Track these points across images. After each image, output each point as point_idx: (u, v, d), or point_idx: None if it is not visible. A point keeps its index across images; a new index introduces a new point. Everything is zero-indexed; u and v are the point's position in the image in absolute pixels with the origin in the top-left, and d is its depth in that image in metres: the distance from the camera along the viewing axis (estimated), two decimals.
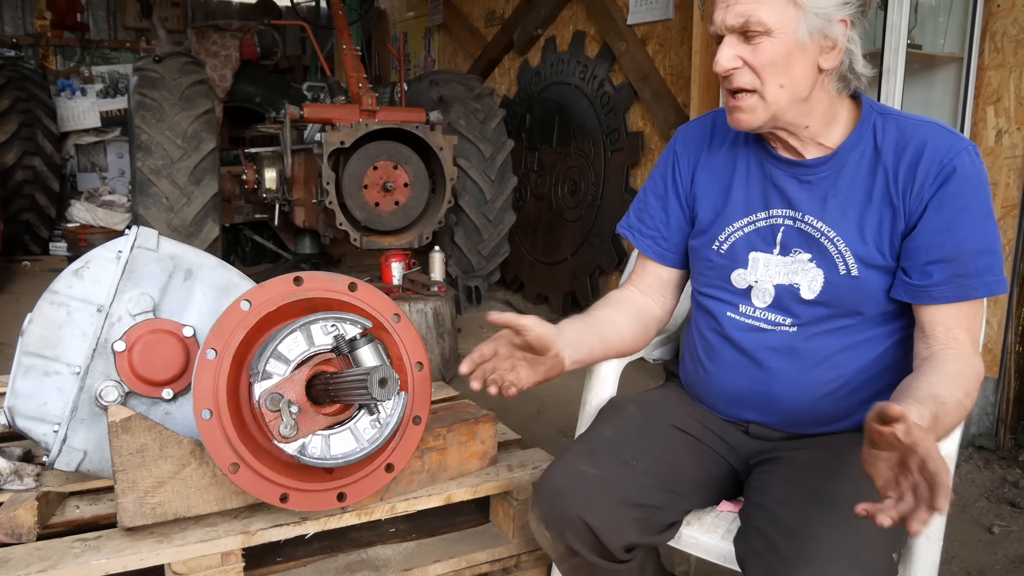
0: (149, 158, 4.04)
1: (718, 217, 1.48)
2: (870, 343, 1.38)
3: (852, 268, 1.34)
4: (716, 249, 1.47)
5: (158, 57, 4.43)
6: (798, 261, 1.39)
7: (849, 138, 1.37)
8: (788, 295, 1.39)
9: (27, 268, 5.83)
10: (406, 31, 7.34)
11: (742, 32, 1.28)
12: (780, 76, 1.29)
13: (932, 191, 1.29)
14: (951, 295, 1.28)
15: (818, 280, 1.37)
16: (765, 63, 1.28)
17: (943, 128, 1.34)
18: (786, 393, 1.40)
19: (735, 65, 1.29)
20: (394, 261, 3.84)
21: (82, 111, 6.94)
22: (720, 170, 1.50)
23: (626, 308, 1.57)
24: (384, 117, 4.00)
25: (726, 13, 1.28)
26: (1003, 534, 2.39)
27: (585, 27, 4.94)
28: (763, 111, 1.31)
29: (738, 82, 1.30)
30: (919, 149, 1.31)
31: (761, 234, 1.43)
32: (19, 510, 1.47)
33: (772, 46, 1.27)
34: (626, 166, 4.56)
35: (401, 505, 1.63)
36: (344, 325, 1.46)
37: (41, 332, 1.58)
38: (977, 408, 2.97)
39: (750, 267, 1.44)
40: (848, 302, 1.36)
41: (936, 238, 1.29)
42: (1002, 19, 2.82)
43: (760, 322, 1.43)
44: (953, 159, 1.28)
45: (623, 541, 1.30)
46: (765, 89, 1.29)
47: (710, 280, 1.50)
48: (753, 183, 1.45)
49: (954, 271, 1.28)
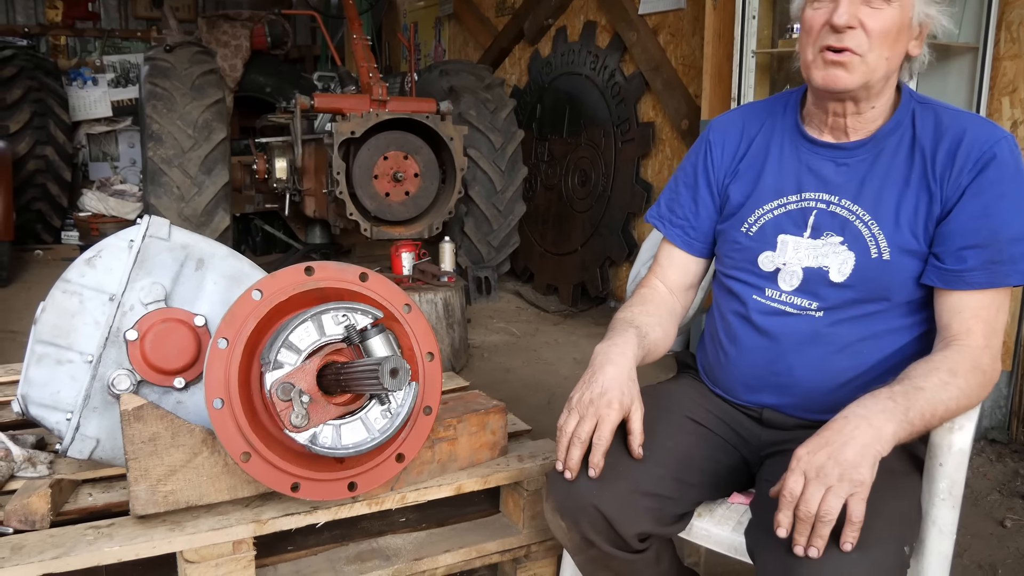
0: (160, 147, 4.05)
1: (747, 200, 1.48)
2: (894, 334, 1.38)
3: (884, 252, 1.34)
4: (745, 231, 1.47)
5: (169, 47, 4.44)
6: (829, 244, 1.39)
7: (888, 123, 1.38)
8: (817, 278, 1.39)
9: (39, 257, 5.87)
10: (416, 21, 7.32)
11: None
12: (888, 48, 1.29)
13: (971, 177, 1.29)
14: (984, 281, 1.28)
15: (848, 263, 1.36)
16: (881, 30, 1.27)
17: (982, 119, 1.36)
18: (806, 377, 1.40)
19: (852, 24, 1.26)
20: (404, 251, 3.84)
21: (94, 100, 6.96)
22: (754, 156, 1.51)
23: (666, 316, 1.56)
24: (394, 107, 4.00)
25: None
26: (1015, 527, 2.38)
27: (596, 17, 4.91)
28: (861, 75, 1.30)
29: (849, 42, 1.27)
30: (958, 136, 1.32)
31: (791, 217, 1.43)
32: (32, 497, 1.48)
33: (892, 15, 1.27)
34: (637, 157, 4.54)
35: (411, 495, 1.64)
36: (355, 315, 1.46)
37: (54, 321, 1.58)
38: (989, 401, 2.95)
39: (779, 249, 1.44)
40: (877, 286, 1.35)
41: (972, 223, 1.29)
42: (1018, 9, 2.79)
43: (786, 306, 1.42)
44: (993, 146, 1.29)
45: (637, 530, 1.30)
46: (870, 55, 1.28)
47: (736, 263, 1.50)
48: (786, 167, 1.45)
49: (988, 257, 1.27)
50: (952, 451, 1.29)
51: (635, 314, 1.52)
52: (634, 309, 1.54)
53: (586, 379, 1.37)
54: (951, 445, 1.29)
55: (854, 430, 1.13)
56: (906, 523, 1.23)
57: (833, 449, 1.12)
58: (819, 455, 1.12)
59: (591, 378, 1.36)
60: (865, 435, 1.12)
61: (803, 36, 1.35)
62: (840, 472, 1.10)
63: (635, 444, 1.33)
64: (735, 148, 1.54)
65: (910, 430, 1.17)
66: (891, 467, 1.27)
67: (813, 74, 1.34)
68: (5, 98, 5.87)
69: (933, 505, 1.30)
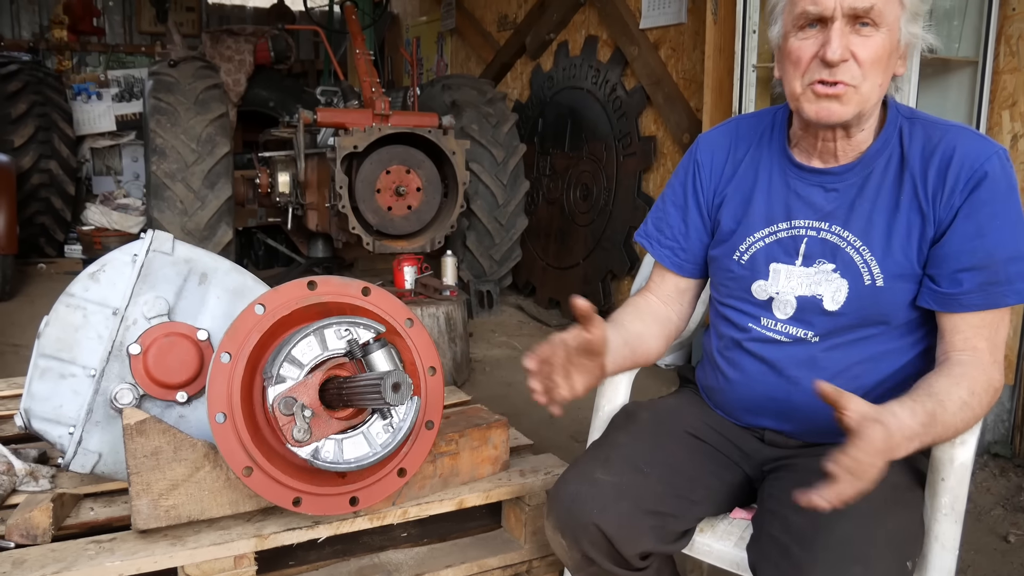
0: (164, 162, 4.06)
1: (739, 227, 1.46)
2: (892, 355, 1.36)
3: (877, 278, 1.32)
4: (737, 260, 1.45)
5: (173, 61, 4.46)
6: (822, 272, 1.37)
7: (875, 143, 1.34)
8: (811, 306, 1.37)
9: (42, 271, 5.88)
10: (419, 36, 7.36)
11: (854, 18, 1.22)
12: (880, 74, 1.25)
13: (963, 197, 1.26)
14: (981, 303, 1.26)
15: (842, 291, 1.34)
16: (873, 59, 1.23)
17: (972, 132, 1.32)
18: (806, 403, 1.38)
19: (846, 57, 1.23)
20: (406, 265, 3.85)
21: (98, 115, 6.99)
22: (742, 179, 1.47)
23: (651, 319, 1.55)
24: (397, 121, 4.01)
25: None
26: (1019, 543, 2.37)
27: (597, 32, 4.94)
28: (855, 105, 1.26)
29: (842, 75, 1.24)
30: (948, 154, 1.28)
31: (782, 245, 1.41)
32: (34, 511, 1.48)
33: (882, 42, 1.23)
34: (638, 171, 4.55)
35: (413, 510, 1.64)
36: (357, 329, 1.47)
37: (57, 335, 1.59)
38: (992, 415, 2.95)
39: (771, 278, 1.41)
40: (872, 313, 1.34)
41: (967, 245, 1.26)
42: (1017, 23, 2.81)
43: (781, 335, 1.41)
44: (984, 164, 1.26)
45: (638, 549, 1.29)
46: (863, 85, 1.25)
47: (731, 291, 1.48)
48: (775, 194, 1.43)
49: (985, 278, 1.25)
50: (954, 465, 1.28)
51: (620, 315, 1.52)
52: (621, 312, 1.54)
53: None
54: (953, 459, 1.28)
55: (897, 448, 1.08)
56: (909, 538, 1.23)
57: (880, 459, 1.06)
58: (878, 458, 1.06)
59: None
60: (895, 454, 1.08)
61: (788, 66, 1.30)
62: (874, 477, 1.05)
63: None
64: (722, 169, 1.50)
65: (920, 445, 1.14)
66: (893, 481, 1.27)
67: (804, 107, 1.29)
68: (10, 112, 5.90)
69: (936, 520, 1.30)
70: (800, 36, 1.27)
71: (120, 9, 8.69)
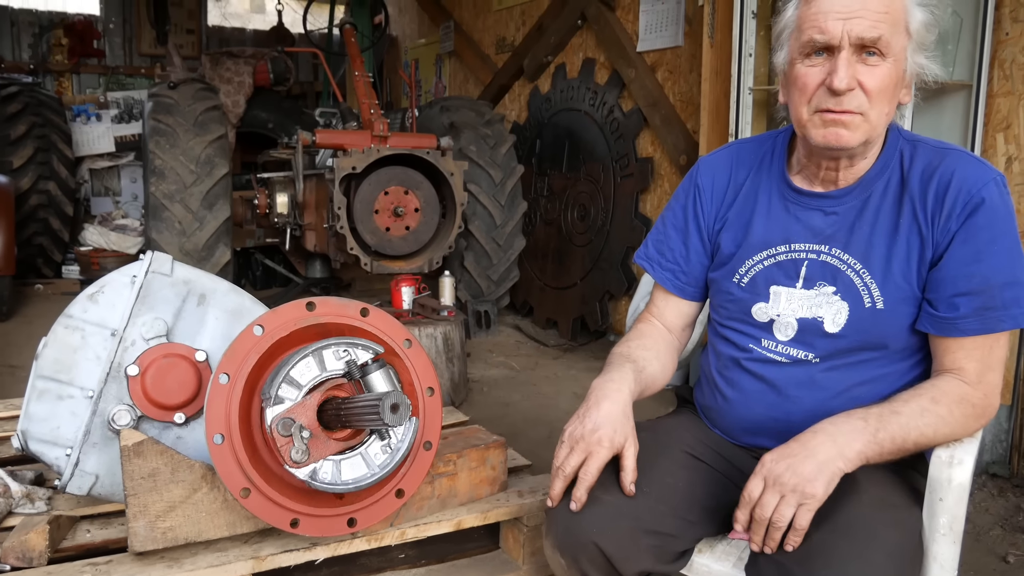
0: (162, 183, 4.08)
1: (738, 250, 1.47)
2: (890, 377, 1.37)
3: (878, 301, 1.33)
4: (736, 282, 1.47)
5: (173, 83, 4.49)
6: (822, 294, 1.38)
7: (874, 166, 1.36)
8: (812, 328, 1.38)
9: (40, 291, 5.88)
10: (417, 58, 7.41)
11: (860, 47, 1.23)
12: (887, 103, 1.27)
13: (959, 222, 1.27)
14: (978, 327, 1.27)
15: (843, 313, 1.36)
16: (880, 88, 1.24)
17: (971, 157, 1.33)
18: (805, 424, 1.36)
19: (853, 86, 1.24)
20: (404, 286, 3.86)
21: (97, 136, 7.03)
22: (742, 204, 1.49)
23: (665, 355, 1.56)
24: (395, 143, 4.04)
25: (850, 25, 1.22)
26: (1018, 563, 2.37)
27: (595, 54, 4.98)
28: (863, 133, 1.27)
29: (849, 104, 1.25)
30: (946, 178, 1.29)
31: (782, 268, 1.42)
32: (30, 534, 1.47)
33: (887, 71, 1.24)
34: (636, 192, 4.57)
35: (411, 531, 1.63)
36: (356, 350, 1.47)
37: (55, 356, 1.59)
38: (990, 435, 2.94)
39: (771, 301, 1.43)
40: (873, 335, 1.35)
41: (964, 270, 1.27)
42: (1010, 47, 2.84)
43: (781, 356, 1.42)
44: (981, 190, 1.27)
45: (637, 568, 1.29)
46: (871, 113, 1.26)
47: (731, 313, 1.49)
48: (774, 217, 1.44)
49: (981, 303, 1.26)
50: (952, 486, 1.28)
51: (632, 348, 1.52)
52: (631, 344, 1.54)
53: (580, 413, 1.37)
54: (951, 479, 1.28)
55: (818, 445, 1.20)
56: (907, 558, 1.23)
57: (794, 461, 1.19)
58: (780, 464, 1.20)
59: (585, 413, 1.36)
60: (828, 451, 1.19)
61: (795, 93, 1.31)
62: (795, 484, 1.17)
63: (626, 481, 1.32)
64: (723, 194, 1.52)
65: (879, 450, 1.22)
66: (891, 501, 1.28)
67: (811, 133, 1.30)
68: (9, 134, 5.93)
69: (934, 540, 1.29)
70: (807, 63, 1.28)
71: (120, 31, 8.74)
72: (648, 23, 4.48)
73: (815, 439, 1.21)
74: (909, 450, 1.26)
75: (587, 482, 1.30)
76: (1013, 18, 2.83)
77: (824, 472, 1.18)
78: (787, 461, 1.20)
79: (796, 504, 1.17)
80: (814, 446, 1.20)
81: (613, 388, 1.39)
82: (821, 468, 1.18)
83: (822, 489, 1.17)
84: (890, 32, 1.22)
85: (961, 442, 1.31)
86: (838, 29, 1.22)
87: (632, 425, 1.36)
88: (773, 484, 1.19)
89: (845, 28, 1.22)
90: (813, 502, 1.16)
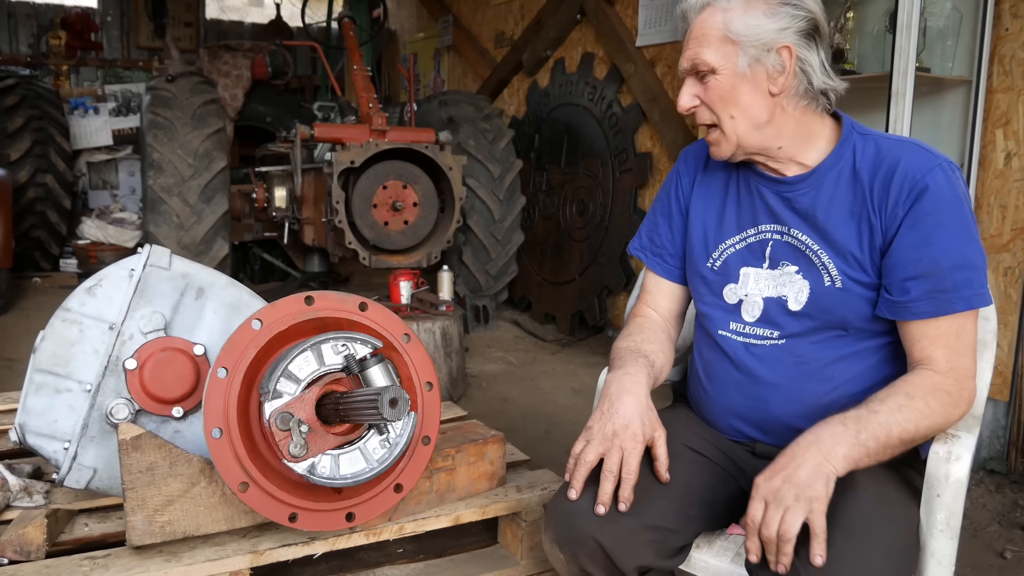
0: (160, 176, 4.07)
1: (713, 235, 1.52)
2: (861, 354, 1.40)
3: (836, 280, 1.37)
4: (710, 266, 1.52)
5: (171, 77, 4.48)
6: (786, 273, 1.43)
7: (828, 157, 1.41)
8: (776, 307, 1.43)
9: (37, 285, 5.87)
10: (416, 52, 7.40)
11: (695, 73, 1.39)
12: (730, 108, 1.37)
13: (906, 208, 1.31)
14: (930, 310, 1.30)
15: (804, 291, 1.40)
16: (714, 98, 1.37)
17: (918, 146, 1.37)
18: (782, 408, 1.42)
19: (694, 104, 1.40)
20: (402, 280, 3.86)
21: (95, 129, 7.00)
22: (715, 189, 1.55)
23: (663, 341, 1.58)
24: (394, 137, 4.03)
25: (682, 59, 1.41)
26: (1016, 559, 2.37)
27: (594, 49, 4.97)
28: (726, 142, 1.40)
29: (700, 119, 1.42)
30: (892, 167, 1.34)
31: (752, 249, 1.47)
32: (28, 527, 1.47)
33: (718, 82, 1.36)
34: (634, 187, 4.57)
35: (409, 525, 1.63)
36: (355, 345, 1.47)
37: (53, 349, 1.58)
38: (988, 431, 2.95)
39: (740, 281, 1.48)
40: (833, 313, 1.38)
41: (912, 254, 1.31)
42: (1010, 43, 2.83)
43: (749, 337, 1.46)
44: (925, 176, 1.31)
45: (637, 563, 1.29)
46: (721, 122, 1.39)
47: (703, 296, 1.54)
48: (744, 201, 1.50)
49: (931, 286, 1.29)
50: (949, 482, 1.29)
51: (638, 342, 1.54)
52: (636, 337, 1.55)
53: (604, 409, 1.37)
54: (948, 475, 1.29)
55: (804, 453, 1.21)
56: (904, 554, 1.23)
57: (788, 473, 1.20)
58: (775, 480, 1.21)
59: (610, 409, 1.37)
60: (815, 457, 1.20)
61: None
62: (796, 493, 1.17)
63: (662, 469, 1.35)
64: (697, 176, 1.59)
65: (865, 451, 1.23)
66: (889, 498, 1.28)
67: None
68: (6, 127, 5.90)
69: (931, 536, 1.30)
70: None
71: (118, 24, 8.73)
72: (647, 18, 4.48)
73: (800, 450, 1.22)
74: (896, 448, 1.26)
75: (631, 480, 1.31)
76: (1013, 13, 2.83)
77: (819, 475, 1.18)
78: (781, 475, 1.20)
79: (804, 512, 1.16)
80: (802, 455, 1.21)
81: (632, 381, 1.41)
82: (815, 472, 1.19)
83: (823, 490, 1.17)
84: (708, 51, 1.35)
85: (958, 438, 1.31)
86: (680, 64, 1.42)
87: (656, 415, 1.39)
88: (773, 500, 1.19)
89: (681, 61, 1.41)
90: (820, 504, 1.16)
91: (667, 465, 1.35)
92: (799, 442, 1.24)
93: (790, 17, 1.32)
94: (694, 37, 1.38)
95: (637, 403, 1.37)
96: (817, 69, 1.36)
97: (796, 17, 1.33)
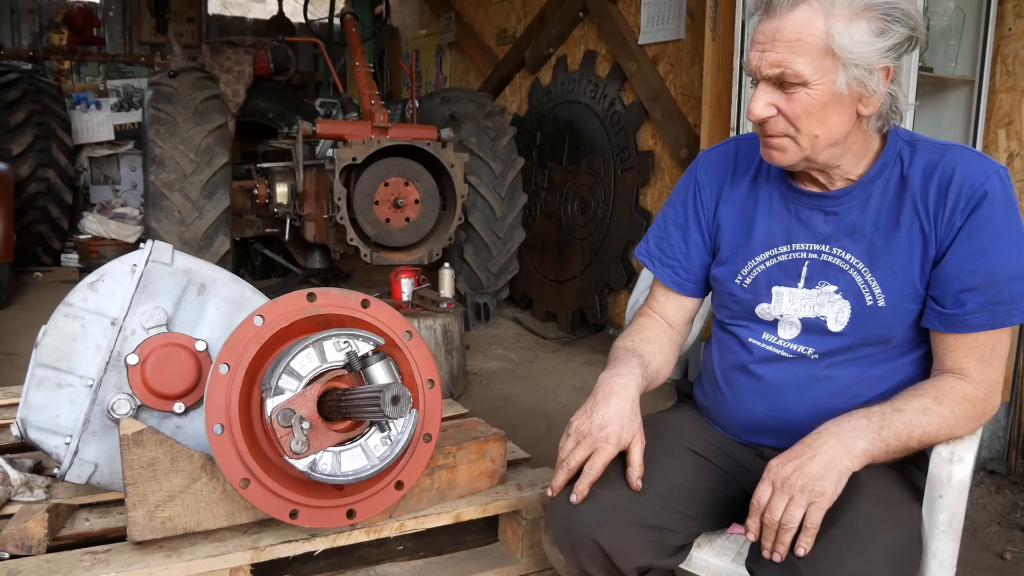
0: (162, 171, 4.06)
1: (740, 250, 1.46)
2: (892, 373, 1.37)
3: (879, 298, 1.33)
4: (739, 283, 1.46)
5: (173, 72, 4.47)
6: (824, 293, 1.37)
7: (873, 166, 1.35)
8: (815, 327, 1.38)
9: (38, 279, 5.87)
10: (418, 49, 7.39)
11: (777, 80, 1.24)
12: (816, 127, 1.26)
13: (964, 217, 1.26)
14: (987, 322, 1.27)
15: (845, 312, 1.35)
16: (799, 112, 1.24)
17: (972, 152, 1.32)
18: (804, 422, 1.37)
19: (769, 114, 1.26)
20: (404, 277, 3.85)
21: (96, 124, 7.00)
22: (743, 203, 1.48)
23: (668, 349, 1.56)
24: (396, 134, 4.03)
25: (761, 60, 1.24)
26: (1015, 560, 2.37)
27: (596, 47, 4.96)
28: (795, 154, 1.29)
29: (772, 130, 1.28)
30: (948, 173, 1.28)
31: (783, 268, 1.42)
32: (29, 522, 1.47)
33: (808, 97, 1.23)
34: (636, 185, 4.56)
35: (410, 523, 1.63)
36: (356, 342, 1.47)
37: (55, 344, 1.59)
38: (988, 432, 2.95)
39: (774, 301, 1.42)
40: (875, 332, 1.35)
41: (968, 265, 1.26)
42: (1013, 43, 2.83)
43: (783, 351, 1.42)
44: (984, 183, 1.26)
45: (636, 563, 1.29)
46: (800, 137, 1.27)
47: (734, 313, 1.49)
48: (776, 218, 1.43)
49: (988, 298, 1.26)
50: (952, 483, 1.28)
51: (636, 342, 1.52)
52: (634, 337, 1.54)
53: (588, 408, 1.37)
54: (951, 476, 1.28)
55: (823, 444, 1.20)
56: (906, 555, 1.23)
57: (800, 462, 1.19)
58: (787, 467, 1.20)
59: (593, 408, 1.36)
60: (833, 450, 1.19)
61: None
62: (803, 483, 1.17)
63: (633, 476, 1.33)
64: (721, 190, 1.51)
65: (884, 448, 1.22)
66: (891, 498, 1.28)
67: (761, 150, 1.35)
68: (8, 121, 5.90)
69: (933, 537, 1.30)
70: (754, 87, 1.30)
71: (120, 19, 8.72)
72: (650, 16, 4.47)
73: (819, 439, 1.21)
74: (913, 448, 1.26)
75: (591, 477, 1.31)
76: (1016, 13, 2.82)
77: (832, 471, 1.18)
78: (793, 463, 1.20)
79: (806, 504, 1.16)
80: (819, 446, 1.20)
81: (621, 383, 1.39)
82: (828, 467, 1.18)
83: (831, 487, 1.17)
84: (803, 61, 1.20)
85: (961, 439, 1.31)
86: (755, 64, 1.26)
87: (639, 422, 1.37)
88: (781, 487, 1.18)
89: (758, 62, 1.25)
90: (823, 500, 1.16)
91: (639, 474, 1.33)
92: (820, 431, 1.23)
93: (897, 35, 1.21)
94: (784, 40, 1.21)
95: (620, 406, 1.35)
96: (902, 90, 1.29)
97: (901, 35, 1.21)
